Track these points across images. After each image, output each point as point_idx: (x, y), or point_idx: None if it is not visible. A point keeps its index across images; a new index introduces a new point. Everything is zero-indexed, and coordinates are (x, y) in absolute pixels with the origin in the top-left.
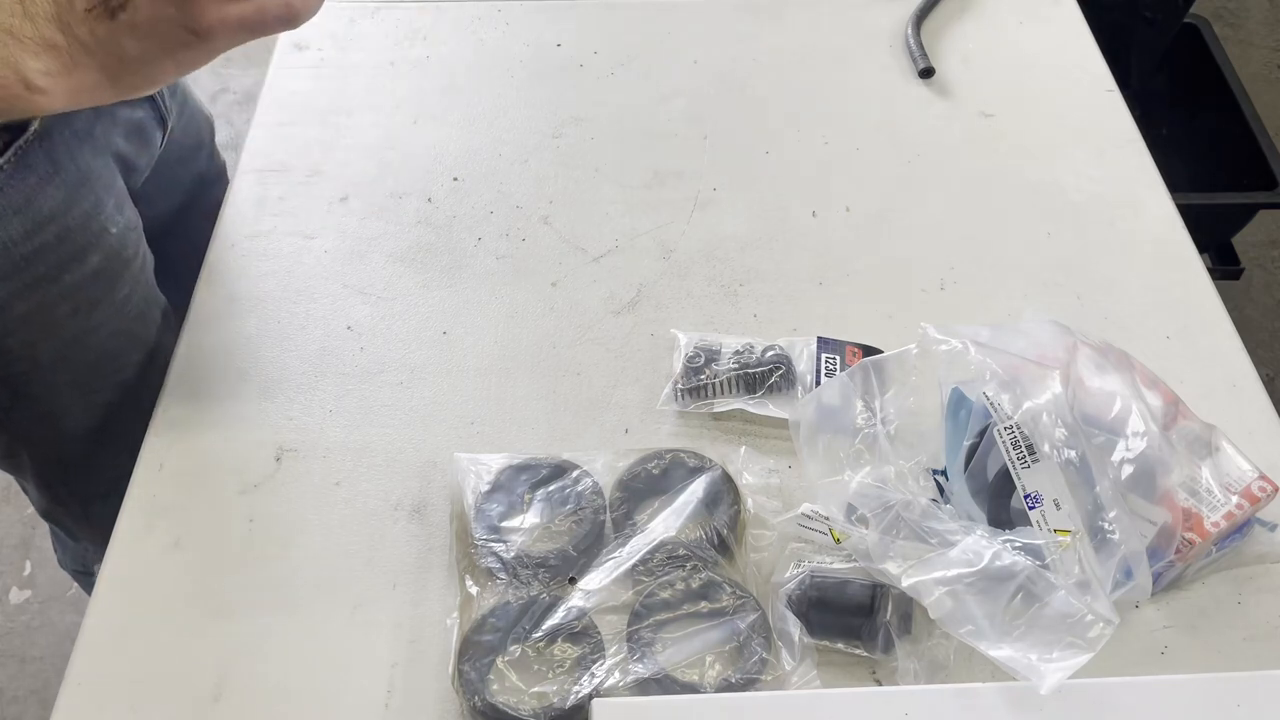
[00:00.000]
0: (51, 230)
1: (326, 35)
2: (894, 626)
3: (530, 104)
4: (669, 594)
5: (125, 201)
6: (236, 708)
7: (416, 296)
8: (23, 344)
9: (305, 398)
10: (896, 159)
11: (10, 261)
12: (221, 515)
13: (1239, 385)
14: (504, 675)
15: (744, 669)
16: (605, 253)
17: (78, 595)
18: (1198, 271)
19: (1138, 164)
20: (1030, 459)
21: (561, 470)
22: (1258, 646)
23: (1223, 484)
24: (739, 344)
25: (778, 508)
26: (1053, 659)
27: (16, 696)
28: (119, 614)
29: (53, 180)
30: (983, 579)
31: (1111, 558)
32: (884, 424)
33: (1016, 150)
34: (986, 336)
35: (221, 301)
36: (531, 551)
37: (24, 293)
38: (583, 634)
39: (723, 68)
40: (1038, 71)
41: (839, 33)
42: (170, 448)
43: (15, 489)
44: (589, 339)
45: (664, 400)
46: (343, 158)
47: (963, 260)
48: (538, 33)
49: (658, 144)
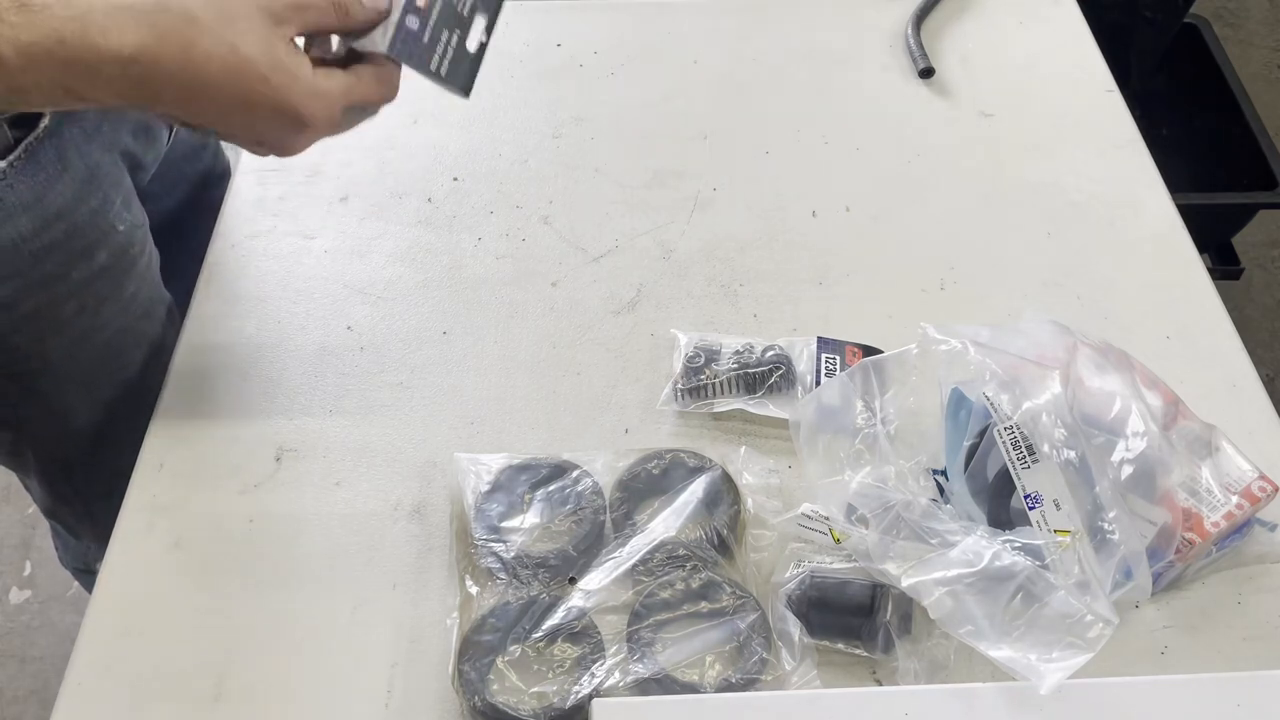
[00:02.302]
0: (60, 227)
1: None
2: (894, 626)
3: (530, 104)
4: (669, 594)
5: (132, 199)
6: (236, 708)
7: (416, 296)
8: (31, 341)
9: (305, 398)
10: (896, 159)
11: (19, 258)
12: (221, 515)
13: (1239, 385)
14: (504, 675)
15: (744, 669)
16: (605, 253)
17: (78, 595)
18: (1198, 271)
19: (1138, 164)
20: (1030, 459)
21: (561, 470)
22: (1258, 646)
23: (1223, 484)
24: (739, 344)
25: (778, 508)
26: (1052, 659)
27: (16, 696)
28: (119, 614)
29: (62, 177)
30: (982, 579)
31: (1111, 558)
32: (884, 424)
33: (1016, 150)
34: (986, 336)
35: (222, 301)
36: (531, 551)
37: (33, 289)
38: (583, 634)
39: (723, 68)
40: (1038, 71)
41: (839, 33)
42: (170, 448)
43: (16, 488)
44: (589, 339)
45: (664, 400)
46: (343, 157)
47: (963, 260)
48: (538, 33)
49: (658, 144)
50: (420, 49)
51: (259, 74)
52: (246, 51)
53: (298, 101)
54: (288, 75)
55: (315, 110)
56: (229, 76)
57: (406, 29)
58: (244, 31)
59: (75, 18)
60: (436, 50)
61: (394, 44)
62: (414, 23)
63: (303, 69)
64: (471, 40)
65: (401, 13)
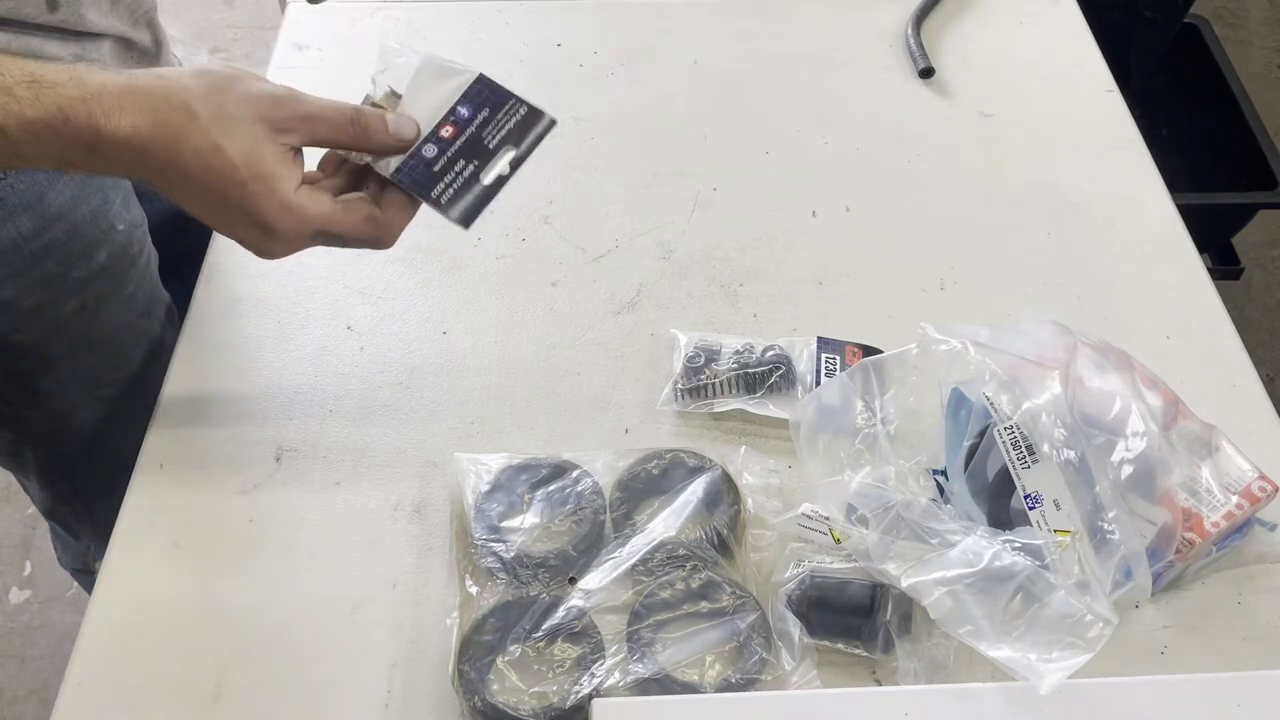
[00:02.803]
0: (61, 227)
1: (326, 35)
2: (894, 626)
3: None
4: (669, 594)
5: (131, 198)
6: (236, 708)
7: (416, 296)
8: (32, 340)
9: (305, 398)
10: (896, 159)
11: (20, 258)
12: (221, 515)
13: (1239, 385)
14: (504, 675)
15: (744, 669)
16: (605, 253)
17: (78, 595)
18: (1198, 271)
19: (1138, 164)
20: (1030, 459)
21: (561, 470)
22: (1258, 646)
23: (1223, 484)
24: (739, 344)
25: (778, 508)
26: (1052, 659)
27: (16, 696)
28: (119, 614)
29: (61, 177)
30: (982, 579)
31: (1111, 558)
32: (884, 424)
33: (1016, 150)
34: (986, 336)
35: (222, 301)
36: (531, 551)
37: (34, 289)
38: (583, 634)
39: (723, 68)
40: (1038, 71)
41: (839, 33)
42: (170, 448)
43: (15, 489)
44: (589, 339)
45: (664, 400)
46: None
47: (963, 260)
48: (538, 33)
49: (658, 144)
50: (428, 176)
51: (238, 179)
52: (231, 156)
53: (269, 214)
54: (265, 187)
55: (285, 227)
56: (209, 176)
57: (420, 156)
58: (235, 135)
59: (83, 98)
60: (445, 179)
61: (401, 169)
62: (430, 151)
63: (284, 183)
64: (489, 173)
65: (421, 140)
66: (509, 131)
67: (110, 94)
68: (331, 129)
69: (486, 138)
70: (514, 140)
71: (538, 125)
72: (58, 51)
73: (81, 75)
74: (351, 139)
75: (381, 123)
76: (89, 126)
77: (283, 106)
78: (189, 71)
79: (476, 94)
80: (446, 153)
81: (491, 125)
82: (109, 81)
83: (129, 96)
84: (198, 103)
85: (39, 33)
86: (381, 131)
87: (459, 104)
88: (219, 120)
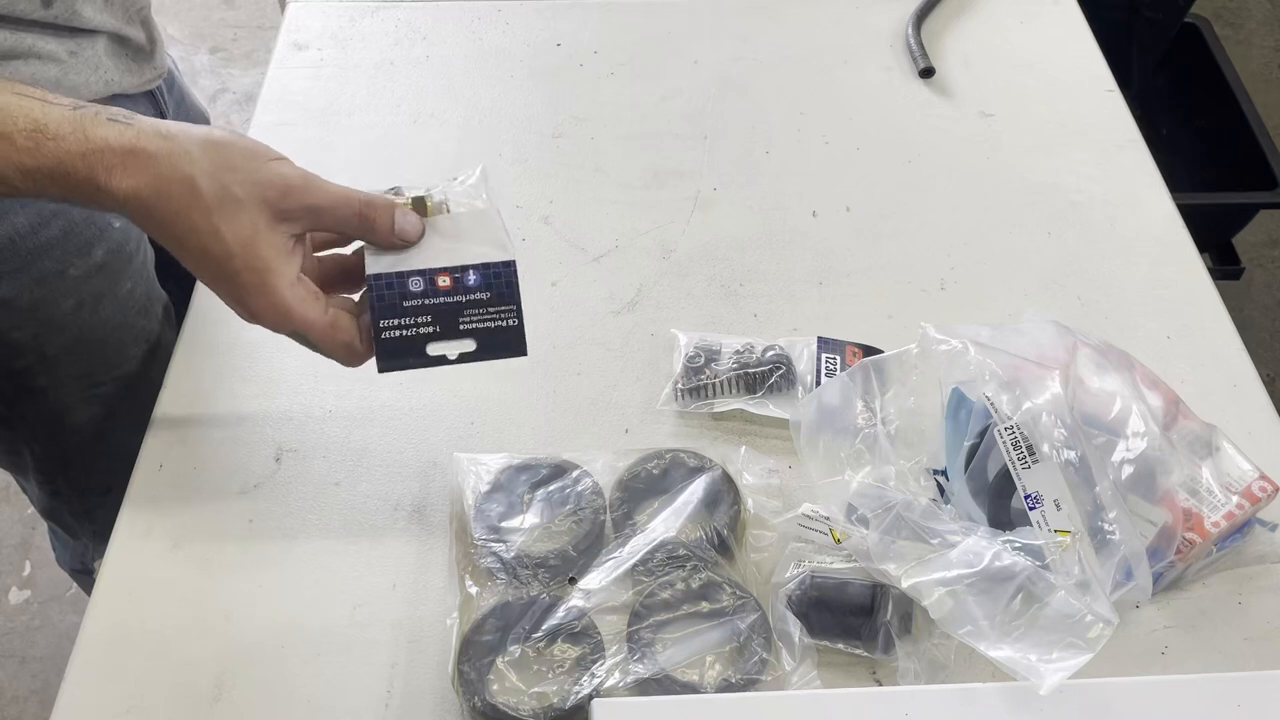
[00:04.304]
0: (57, 225)
1: (326, 35)
2: (894, 626)
3: (530, 104)
4: (669, 594)
5: None
6: (236, 708)
7: None
8: (29, 338)
9: (305, 398)
10: (896, 159)
11: (17, 255)
12: (221, 515)
13: (1239, 385)
14: (504, 675)
15: (744, 669)
16: (605, 253)
17: (78, 595)
18: (1198, 271)
19: (1138, 164)
20: (1030, 459)
21: (561, 470)
22: (1258, 646)
23: (1223, 484)
24: (739, 344)
25: (778, 508)
26: (1052, 659)
27: (16, 696)
28: (119, 614)
29: None
30: (983, 579)
31: (1111, 558)
32: (884, 424)
33: (1016, 150)
34: (986, 336)
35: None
36: (531, 551)
37: (31, 286)
38: (583, 634)
39: (723, 68)
40: (1038, 71)
41: (839, 33)
42: (170, 448)
43: (15, 489)
44: (589, 339)
45: (664, 400)
46: (343, 157)
47: (963, 260)
48: (537, 33)
49: (658, 144)
50: (393, 304)
51: (232, 266)
52: (228, 243)
53: (255, 306)
54: (259, 280)
55: (267, 320)
56: (203, 256)
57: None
58: (236, 221)
59: (86, 155)
60: (403, 319)
61: (381, 277)
62: (417, 284)
63: (278, 279)
64: (438, 347)
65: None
66: (487, 330)
67: (114, 152)
68: (337, 221)
69: (465, 317)
70: (482, 341)
71: (509, 345)
72: (52, 47)
73: (86, 128)
74: (356, 231)
75: (389, 219)
76: (88, 180)
77: (291, 196)
78: (199, 139)
79: (494, 274)
80: (426, 300)
81: (479, 310)
82: (114, 138)
83: (132, 158)
84: (202, 178)
85: (34, 29)
86: (387, 229)
87: (474, 269)
88: (222, 203)
